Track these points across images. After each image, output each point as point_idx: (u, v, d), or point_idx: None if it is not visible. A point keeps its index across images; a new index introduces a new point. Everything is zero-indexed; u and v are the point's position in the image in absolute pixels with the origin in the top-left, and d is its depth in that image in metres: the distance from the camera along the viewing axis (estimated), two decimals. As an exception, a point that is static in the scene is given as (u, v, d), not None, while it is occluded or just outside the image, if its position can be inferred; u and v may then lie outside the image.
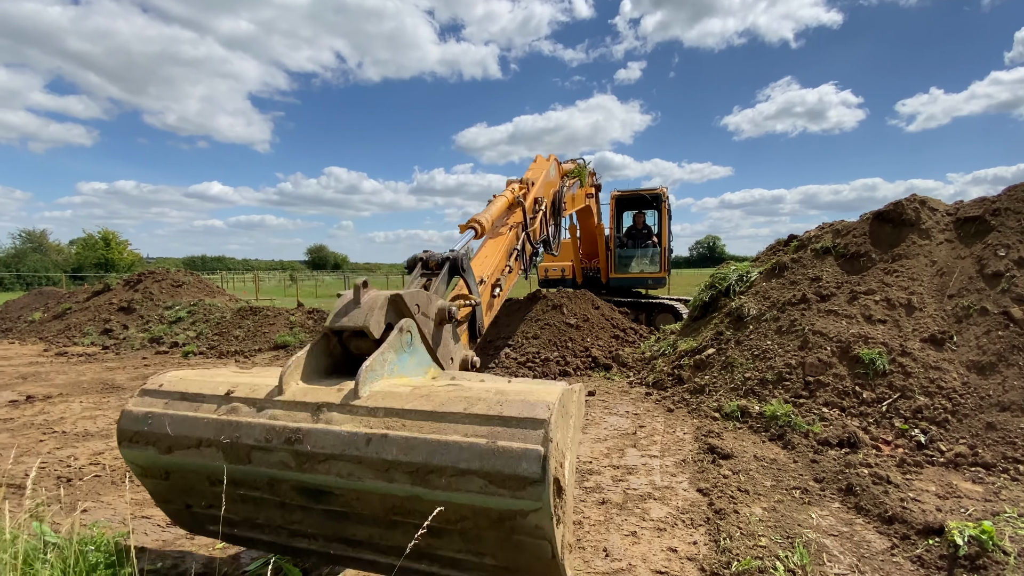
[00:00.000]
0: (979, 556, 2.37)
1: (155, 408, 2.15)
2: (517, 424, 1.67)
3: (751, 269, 7.13)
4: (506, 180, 5.82)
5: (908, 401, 4.23)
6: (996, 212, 5.19)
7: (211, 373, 2.35)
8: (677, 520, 2.95)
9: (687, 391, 5.74)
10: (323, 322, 10.20)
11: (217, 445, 2.01)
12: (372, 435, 1.79)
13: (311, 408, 1.94)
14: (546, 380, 2.29)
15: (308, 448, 1.86)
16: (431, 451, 1.71)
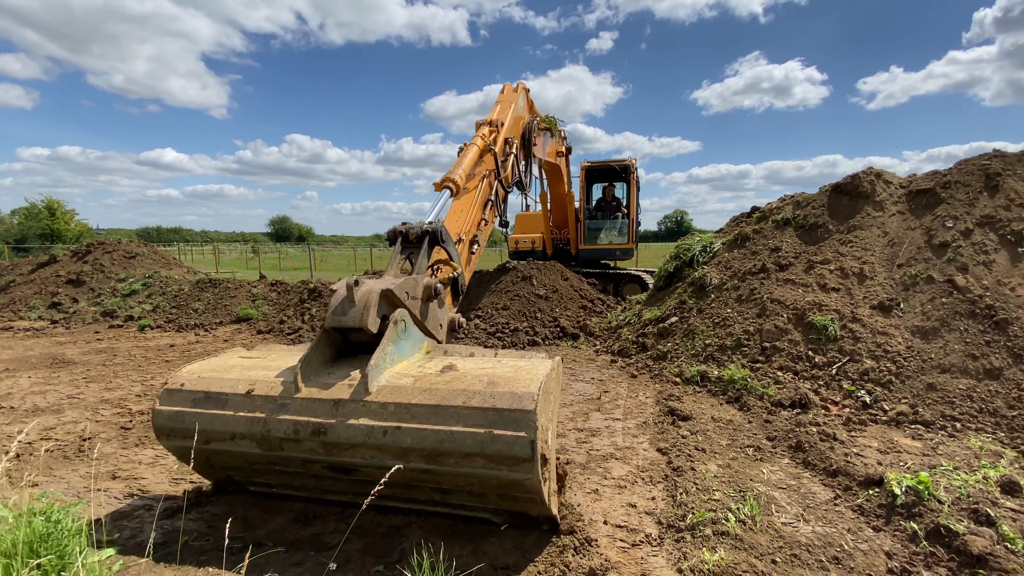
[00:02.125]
0: (915, 504, 2.54)
1: (184, 407, 2.45)
2: (509, 415, 2.04)
3: (714, 240, 7.29)
4: (475, 122, 5.70)
5: (856, 364, 4.46)
6: (946, 185, 5.42)
7: (223, 367, 2.63)
8: (637, 478, 3.06)
9: (650, 358, 5.89)
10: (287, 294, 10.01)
11: (250, 437, 2.34)
12: (387, 427, 2.15)
13: (328, 404, 2.26)
14: (530, 356, 2.55)
15: (334, 439, 2.22)
16: (439, 439, 2.08)
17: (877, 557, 2.28)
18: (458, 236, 4.31)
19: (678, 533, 2.44)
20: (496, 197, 5.32)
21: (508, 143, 5.80)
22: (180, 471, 3.25)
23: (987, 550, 2.15)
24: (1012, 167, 5.18)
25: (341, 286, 2.54)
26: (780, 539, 2.40)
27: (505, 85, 6.73)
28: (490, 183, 5.17)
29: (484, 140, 5.18)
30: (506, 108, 6.13)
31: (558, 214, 12.20)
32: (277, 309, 9.44)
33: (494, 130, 5.53)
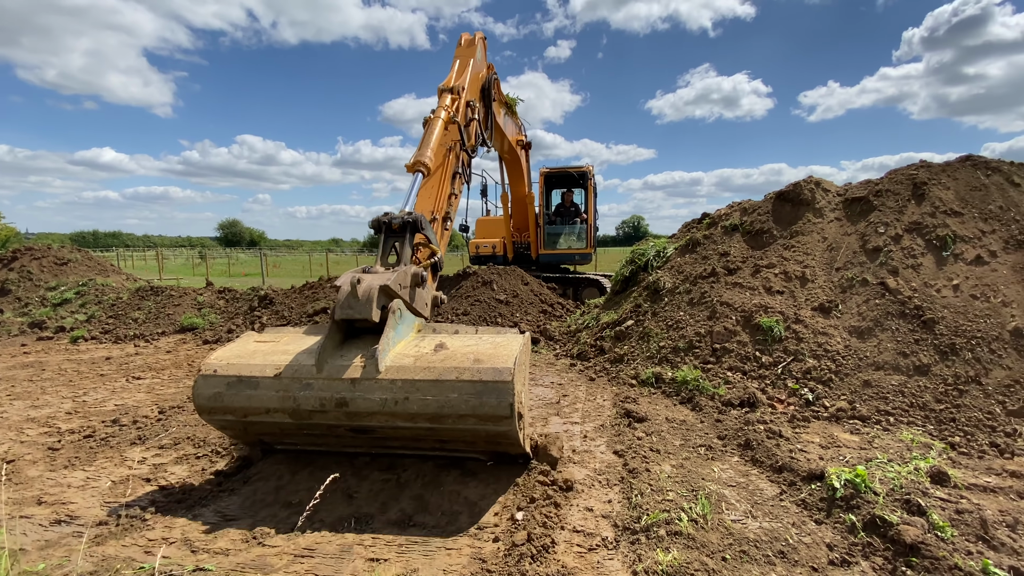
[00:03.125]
0: (853, 497, 2.67)
1: (220, 389, 2.95)
2: (492, 385, 2.70)
3: (668, 245, 7.50)
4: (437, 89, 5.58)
5: (799, 363, 4.67)
6: (878, 193, 5.78)
7: (246, 352, 3.14)
8: (594, 481, 3.09)
9: (608, 361, 5.99)
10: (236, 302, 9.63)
11: (283, 410, 2.89)
12: (398, 399, 2.77)
13: (347, 382, 2.83)
14: (505, 332, 3.28)
15: (355, 409, 2.82)
16: (440, 406, 2.73)
17: (819, 549, 2.39)
18: (432, 215, 4.65)
19: (633, 535, 2.47)
20: (462, 167, 5.48)
21: (470, 107, 5.79)
22: (113, 493, 3.04)
23: (919, 539, 2.28)
24: (937, 177, 5.59)
25: (345, 283, 3.04)
26: (730, 536, 2.47)
27: (463, 36, 6.40)
28: (456, 154, 5.33)
29: (447, 112, 5.18)
30: (465, 67, 5.96)
31: (519, 216, 12.27)
32: (225, 318, 9.02)
33: (456, 97, 5.47)
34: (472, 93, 6.00)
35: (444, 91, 5.52)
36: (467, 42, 6.31)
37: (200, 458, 3.59)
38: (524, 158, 10.92)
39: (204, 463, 3.52)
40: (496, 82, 7.07)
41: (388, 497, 2.87)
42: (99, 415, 4.60)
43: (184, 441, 3.88)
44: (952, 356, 4.23)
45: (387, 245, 3.70)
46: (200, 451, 3.70)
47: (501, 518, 2.63)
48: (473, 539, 2.46)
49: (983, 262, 4.80)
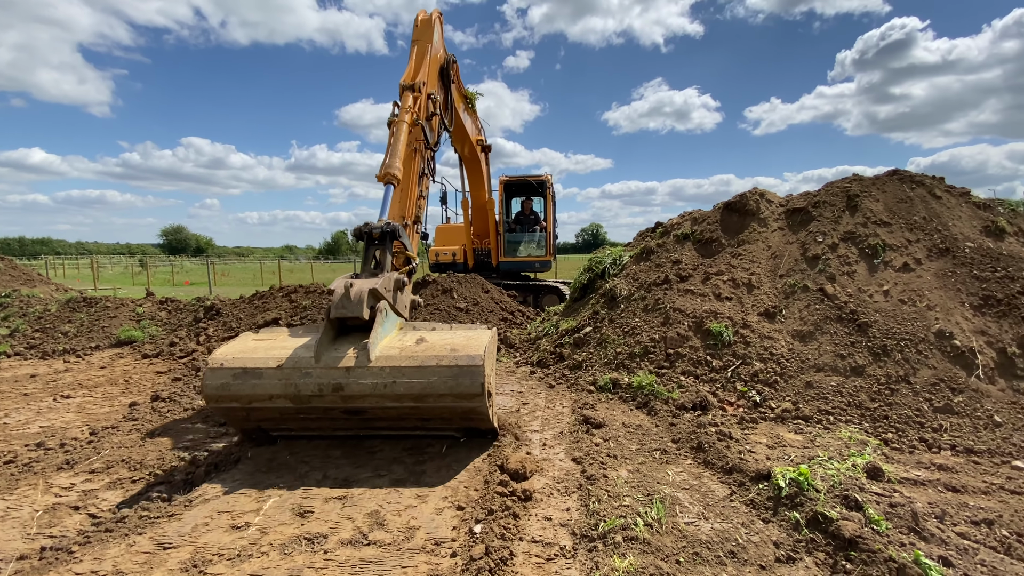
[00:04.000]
0: (797, 495, 2.79)
1: (227, 380, 3.35)
2: (467, 369, 3.25)
3: (623, 253, 7.68)
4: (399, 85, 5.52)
5: (747, 367, 4.87)
6: (816, 204, 6.14)
7: (248, 348, 3.57)
8: (553, 490, 3.10)
9: (567, 367, 6.05)
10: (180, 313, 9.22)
11: (285, 396, 3.33)
12: (387, 382, 3.27)
13: (342, 370, 3.30)
14: (475, 328, 3.93)
15: (350, 392, 3.30)
16: (423, 387, 3.26)
17: (767, 548, 2.48)
18: (404, 221, 5.01)
19: (591, 543, 2.49)
20: (427, 166, 5.69)
21: (432, 99, 5.79)
22: (36, 524, 2.79)
23: (857, 533, 2.41)
24: (868, 189, 5.99)
25: (339, 286, 3.54)
26: (684, 539, 2.53)
27: (419, 15, 6.22)
28: (421, 154, 5.50)
29: (411, 113, 5.25)
30: (424, 55, 5.87)
31: (479, 222, 12.27)
32: (167, 330, 8.53)
33: (417, 95, 5.47)
34: (432, 83, 5.96)
35: (406, 89, 5.49)
36: (424, 22, 6.16)
37: (136, 482, 3.37)
38: (484, 161, 10.94)
39: (140, 487, 3.30)
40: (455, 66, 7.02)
41: (342, 516, 2.78)
42: (22, 438, 4.24)
43: (118, 464, 3.63)
44: (884, 357, 4.52)
45: (368, 252, 4.19)
46: (136, 474, 3.46)
47: (459, 532, 2.59)
48: (431, 555, 2.41)
49: (910, 269, 5.17)
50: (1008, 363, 4.32)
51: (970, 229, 5.45)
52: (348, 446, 3.73)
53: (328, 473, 3.31)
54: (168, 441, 4.07)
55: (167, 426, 4.44)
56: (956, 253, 5.17)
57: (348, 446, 3.73)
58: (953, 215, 5.58)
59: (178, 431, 4.33)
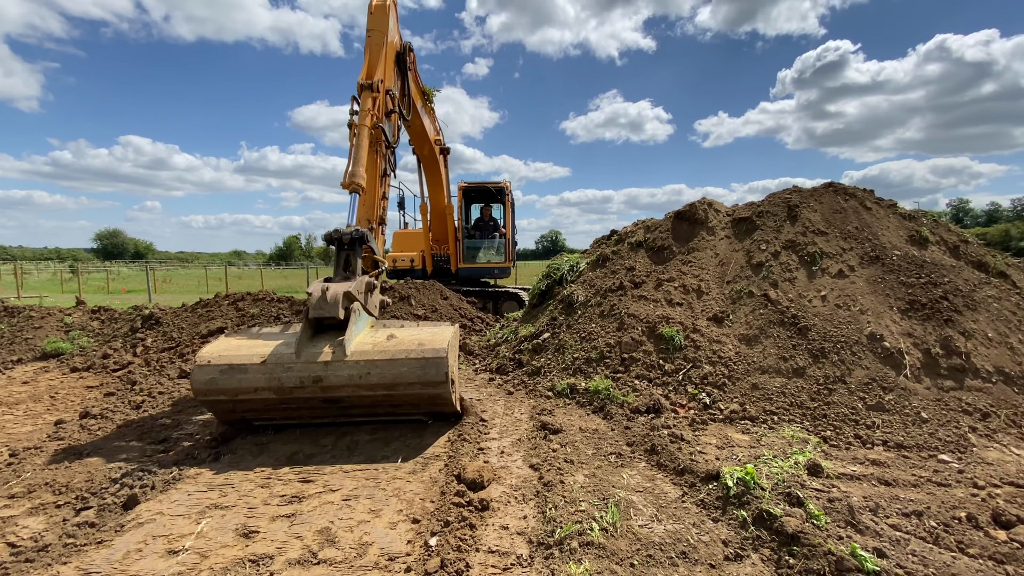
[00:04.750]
0: (744, 494, 2.90)
1: (215, 375, 3.74)
2: (432, 360, 3.79)
3: (580, 260, 7.80)
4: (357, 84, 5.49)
5: (698, 370, 5.03)
6: (760, 214, 6.44)
7: (231, 347, 3.96)
8: (510, 498, 3.08)
9: (526, 373, 6.06)
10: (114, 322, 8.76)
11: (269, 388, 3.76)
12: (362, 373, 3.74)
13: (321, 364, 3.75)
14: (439, 325, 4.44)
15: (328, 384, 3.75)
16: (395, 376, 3.77)
17: (716, 546, 2.55)
18: (369, 224, 5.31)
19: (547, 550, 2.49)
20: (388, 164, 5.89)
21: (390, 96, 5.83)
22: (-60, 560, 2.53)
23: (799, 528, 2.52)
24: (807, 200, 6.34)
25: (316, 290, 4.00)
26: (638, 542, 2.57)
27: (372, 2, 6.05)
28: (382, 154, 5.67)
29: (372, 116, 5.38)
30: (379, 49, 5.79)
31: (438, 228, 12.16)
32: (100, 341, 7.98)
33: (376, 95, 5.49)
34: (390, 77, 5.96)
35: (364, 88, 5.48)
36: (378, 8, 6.03)
37: (61, 507, 3.11)
38: (443, 164, 10.87)
39: (66, 512, 3.05)
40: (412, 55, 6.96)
41: (290, 535, 2.66)
42: (-75, 464, 3.83)
43: (41, 488, 3.34)
44: (822, 359, 4.78)
45: (340, 256, 4.57)
46: (61, 498, 3.20)
47: (414, 545, 2.54)
48: (384, 572, 2.35)
49: (844, 276, 5.50)
50: (932, 363, 4.66)
51: (897, 238, 5.86)
52: (297, 466, 3.60)
53: (276, 491, 3.17)
54: (98, 461, 3.79)
55: (97, 445, 4.14)
56: (885, 261, 5.55)
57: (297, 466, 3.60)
58: (882, 225, 5.99)
59: (110, 450, 4.04)
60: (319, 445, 3.93)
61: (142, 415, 4.93)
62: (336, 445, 3.93)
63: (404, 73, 6.62)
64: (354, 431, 4.18)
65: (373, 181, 5.45)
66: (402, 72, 6.55)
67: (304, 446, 3.93)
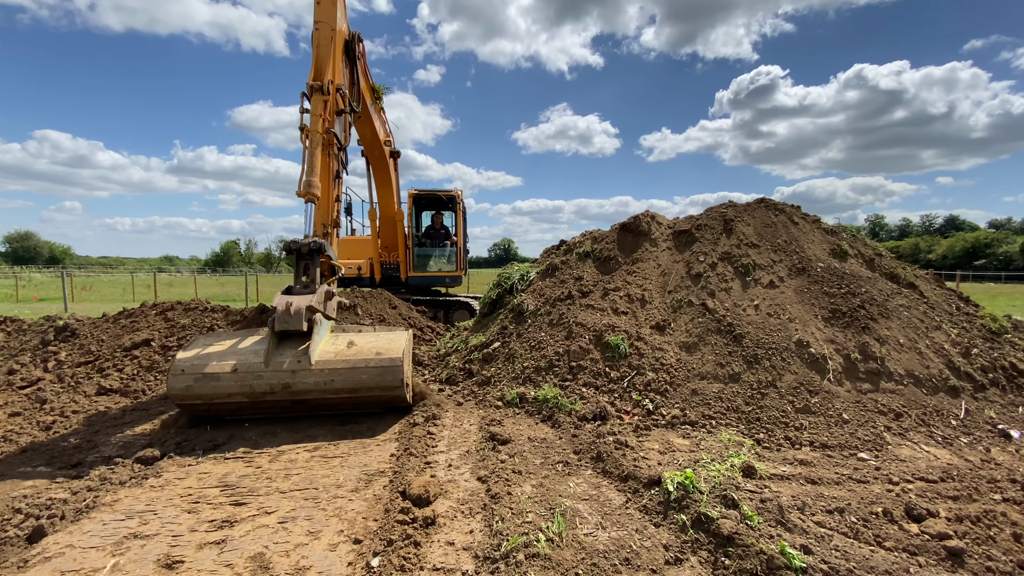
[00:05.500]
0: (684, 498, 2.99)
1: (190, 383, 4.15)
2: (389, 367, 4.36)
3: (530, 270, 7.87)
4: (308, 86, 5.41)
5: (642, 377, 5.18)
6: (699, 227, 6.75)
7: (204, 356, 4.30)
8: (457, 512, 3.03)
9: (476, 384, 6.02)
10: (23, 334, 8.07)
11: (241, 394, 4.21)
12: (327, 380, 4.26)
13: (289, 372, 4.24)
14: (394, 330, 5.01)
15: (296, 389, 4.25)
16: (356, 383, 4.32)
17: (657, 551, 2.62)
18: (325, 229, 5.47)
19: (493, 564, 2.47)
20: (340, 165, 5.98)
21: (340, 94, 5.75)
22: None
23: (734, 530, 2.63)
24: (741, 215, 6.71)
25: (281, 304, 4.45)
26: (583, 551, 2.59)
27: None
28: (334, 155, 5.73)
29: (323, 122, 5.38)
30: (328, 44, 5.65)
31: (388, 234, 11.89)
32: (5, 355, 7.22)
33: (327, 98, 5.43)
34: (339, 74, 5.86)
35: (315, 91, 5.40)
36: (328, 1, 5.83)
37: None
38: (393, 168, 10.68)
39: (-45, 551, 2.71)
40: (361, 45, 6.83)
41: (219, 563, 2.49)
42: None
43: (-76, 524, 2.96)
44: (755, 365, 5.05)
45: (299, 266, 4.93)
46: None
47: (355, 568, 2.44)
48: (322, 596, 2.24)
49: (775, 286, 5.85)
50: (852, 367, 5.03)
51: (821, 251, 6.31)
52: (229, 489, 3.39)
53: (204, 516, 2.97)
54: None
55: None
56: (810, 272, 5.95)
57: (229, 489, 3.39)
58: (808, 239, 6.43)
59: (14, 476, 3.66)
60: (254, 465, 3.72)
61: (52, 436, 4.50)
62: (274, 462, 3.73)
63: (353, 62, 6.51)
64: (291, 450, 4.00)
65: (327, 185, 5.53)
66: (351, 61, 6.43)
67: (238, 466, 3.71)
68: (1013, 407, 4.93)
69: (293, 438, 4.23)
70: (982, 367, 5.27)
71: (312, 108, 5.35)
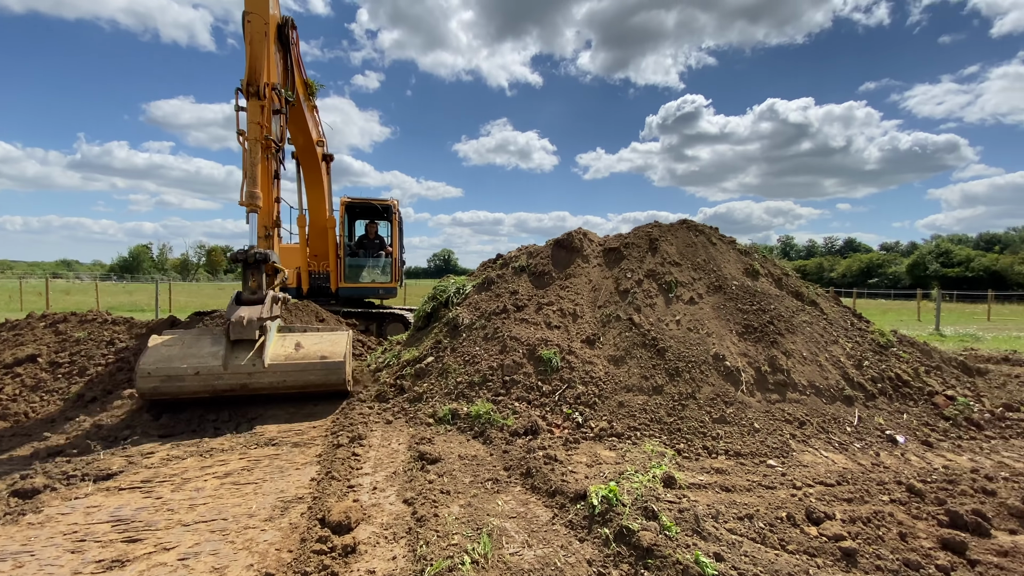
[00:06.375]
0: (607, 512, 3.06)
1: (156, 384, 4.98)
2: (334, 365, 5.55)
3: (467, 283, 7.84)
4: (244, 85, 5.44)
5: (572, 390, 5.29)
6: (627, 246, 7.04)
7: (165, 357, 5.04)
8: (380, 538, 2.92)
9: (407, 400, 5.87)
10: None
11: (203, 391, 5.10)
12: (280, 379, 5.33)
13: (245, 374, 5.14)
14: (335, 331, 6.07)
15: (253, 388, 5.25)
16: (305, 381, 5.47)
17: (582, 567, 2.66)
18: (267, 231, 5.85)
19: (415, 591, 2.39)
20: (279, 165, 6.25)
21: (276, 92, 5.83)
22: None
23: (653, 542, 2.71)
24: (665, 235, 7.07)
25: (234, 316, 5.15)
26: (508, 571, 2.58)
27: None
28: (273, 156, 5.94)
29: (262, 128, 5.51)
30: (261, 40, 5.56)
31: (317, 242, 11.37)
32: None
33: (263, 101, 5.50)
34: (275, 72, 5.87)
35: (252, 96, 5.45)
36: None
37: None
38: (325, 172, 10.29)
39: None
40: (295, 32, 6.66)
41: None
42: None
43: None
44: (677, 377, 5.30)
45: (246, 274, 5.55)
46: None
47: (264, 604, 2.28)
48: (224, 640, 2.07)
49: (695, 302, 6.20)
50: (762, 379, 5.41)
51: (736, 270, 6.77)
52: (122, 524, 3.07)
53: (91, 556, 2.66)
54: None
55: None
56: (726, 290, 6.37)
57: (122, 524, 3.07)
58: (724, 259, 6.89)
59: None
60: (153, 496, 3.40)
61: (-97, 472, 3.88)
62: (177, 492, 3.43)
63: (287, 48, 6.37)
64: (198, 477, 3.69)
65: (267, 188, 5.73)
66: (284, 48, 6.28)
67: (134, 497, 3.37)
68: (899, 414, 5.49)
69: (201, 464, 3.91)
70: (872, 378, 5.85)
71: (250, 115, 5.47)
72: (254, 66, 5.37)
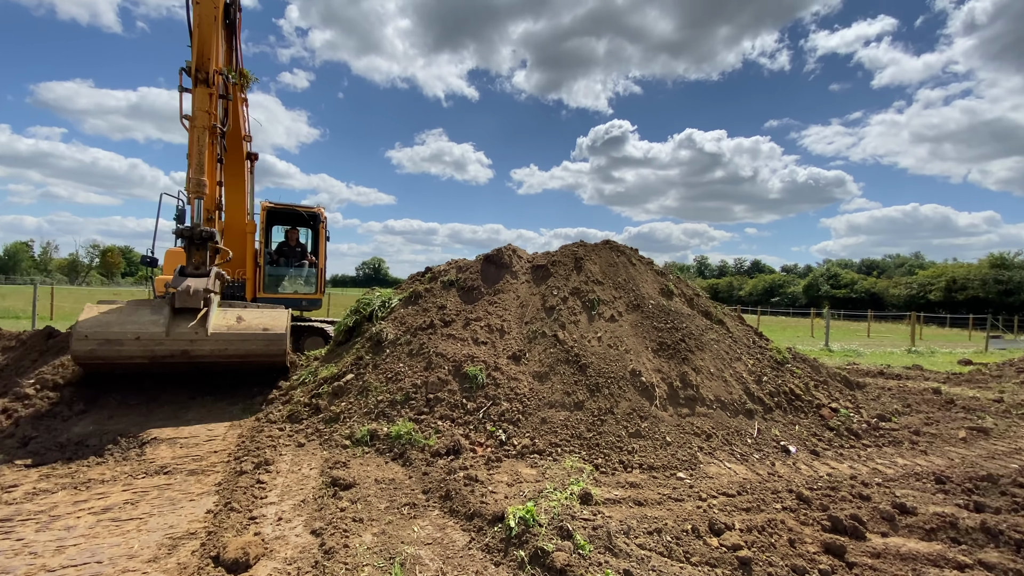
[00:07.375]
0: (524, 533, 3.06)
1: (93, 347, 5.01)
2: (275, 337, 5.99)
3: (393, 296, 7.65)
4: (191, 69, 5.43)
5: (497, 407, 5.28)
6: (554, 263, 7.21)
7: (104, 322, 5.13)
8: (282, 574, 2.73)
9: (322, 421, 5.57)
10: None
11: (143, 357, 5.24)
12: (221, 348, 5.62)
13: (187, 340, 5.39)
14: (275, 308, 6.41)
15: (194, 354, 5.50)
16: (247, 350, 5.83)
17: (495, 592, 2.63)
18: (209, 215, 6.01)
19: (318, 632, 2.24)
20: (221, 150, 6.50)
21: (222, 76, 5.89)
22: None
23: (567, 562, 2.75)
24: (589, 254, 7.32)
25: (180, 284, 5.43)
26: (420, 602, 2.49)
27: None
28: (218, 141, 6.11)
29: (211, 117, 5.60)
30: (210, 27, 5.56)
31: (233, 247, 10.56)
32: None
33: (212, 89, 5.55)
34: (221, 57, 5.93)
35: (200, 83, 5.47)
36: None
37: None
38: (249, 171, 9.64)
39: None
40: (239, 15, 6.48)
41: None
42: None
43: None
44: (597, 393, 5.46)
45: (190, 250, 5.83)
46: None
47: (139, 661, 2.03)
48: None
49: (615, 320, 6.45)
50: (674, 394, 5.71)
51: (652, 290, 7.14)
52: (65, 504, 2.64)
53: None
54: None
55: None
56: (643, 308, 6.69)
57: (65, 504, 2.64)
58: (643, 278, 7.24)
59: None
60: (13, 538, 2.95)
61: None
62: (43, 532, 3.00)
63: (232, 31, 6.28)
64: (69, 515, 3.26)
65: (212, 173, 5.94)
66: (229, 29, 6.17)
67: (-13, 542, 2.91)
68: (792, 426, 6.01)
69: (74, 499, 3.46)
70: (770, 392, 6.36)
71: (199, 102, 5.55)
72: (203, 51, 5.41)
